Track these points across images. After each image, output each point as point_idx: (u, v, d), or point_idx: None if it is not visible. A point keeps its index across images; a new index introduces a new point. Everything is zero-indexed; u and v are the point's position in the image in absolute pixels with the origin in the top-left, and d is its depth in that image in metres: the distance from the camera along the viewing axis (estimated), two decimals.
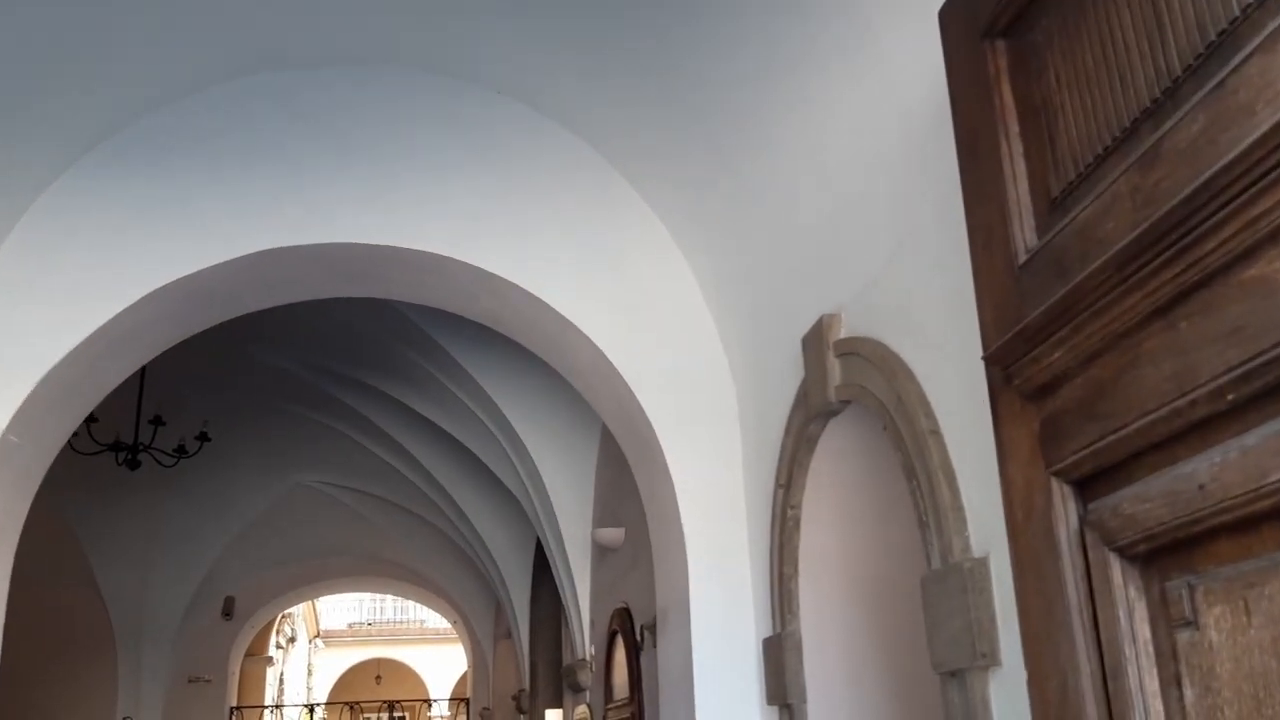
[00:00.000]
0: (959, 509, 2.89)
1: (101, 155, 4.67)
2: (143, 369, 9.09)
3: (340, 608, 31.82)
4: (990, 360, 2.08)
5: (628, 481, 6.99)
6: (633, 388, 4.89)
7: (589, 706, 7.77)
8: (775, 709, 4.31)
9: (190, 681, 13.15)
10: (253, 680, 15.96)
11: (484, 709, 14.10)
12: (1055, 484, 1.94)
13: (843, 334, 3.71)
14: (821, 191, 3.75)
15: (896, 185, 3.27)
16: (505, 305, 5.14)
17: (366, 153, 4.87)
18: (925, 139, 3.03)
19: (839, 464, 4.07)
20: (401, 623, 32.06)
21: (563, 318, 4.93)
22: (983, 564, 2.76)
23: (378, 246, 4.86)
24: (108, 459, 9.86)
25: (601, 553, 7.44)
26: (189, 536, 12.36)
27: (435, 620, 28.84)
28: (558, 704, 9.50)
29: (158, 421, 8.85)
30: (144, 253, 4.62)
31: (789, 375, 4.17)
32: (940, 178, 2.99)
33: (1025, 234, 2.01)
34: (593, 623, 7.80)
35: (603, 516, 7.32)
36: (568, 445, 7.75)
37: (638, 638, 6.31)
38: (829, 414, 3.86)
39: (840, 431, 3.95)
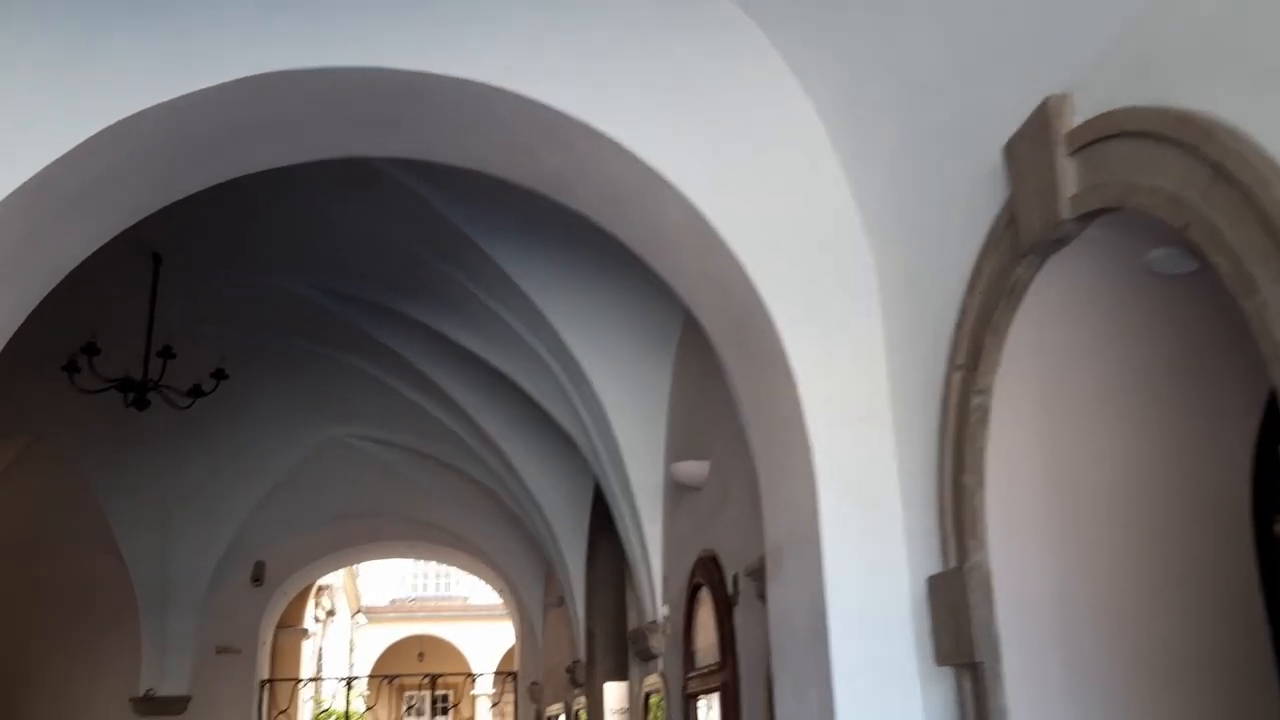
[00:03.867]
0: None
1: None
2: (152, 300, 8.08)
3: (382, 583, 31.26)
4: None
5: (709, 410, 5.86)
6: (739, 257, 3.72)
7: (663, 676, 6.65)
8: (949, 671, 3.16)
9: (219, 652, 12.22)
10: (287, 652, 15.03)
11: (533, 684, 13.07)
12: None
13: (1078, 120, 2.53)
14: None
15: None
16: (571, 159, 4.00)
17: None
18: None
19: (1054, 325, 2.89)
20: (445, 599, 31.59)
21: (647, 168, 3.78)
22: None
23: (405, 74, 3.72)
24: (122, 412, 8.90)
25: (678, 495, 6.31)
26: (214, 496, 11.41)
27: (479, 597, 28.09)
28: (620, 676, 8.39)
29: (167, 353, 7.82)
30: (101, 75, 3.52)
31: (972, 208, 3.00)
32: None
33: None
34: (666, 578, 6.67)
35: (679, 453, 6.18)
36: (635, 372, 6.61)
37: (730, 590, 5.18)
38: (1053, 244, 2.67)
39: (1061, 274, 2.77)
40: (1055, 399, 2.99)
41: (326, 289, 8.14)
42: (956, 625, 3.07)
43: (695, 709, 5.82)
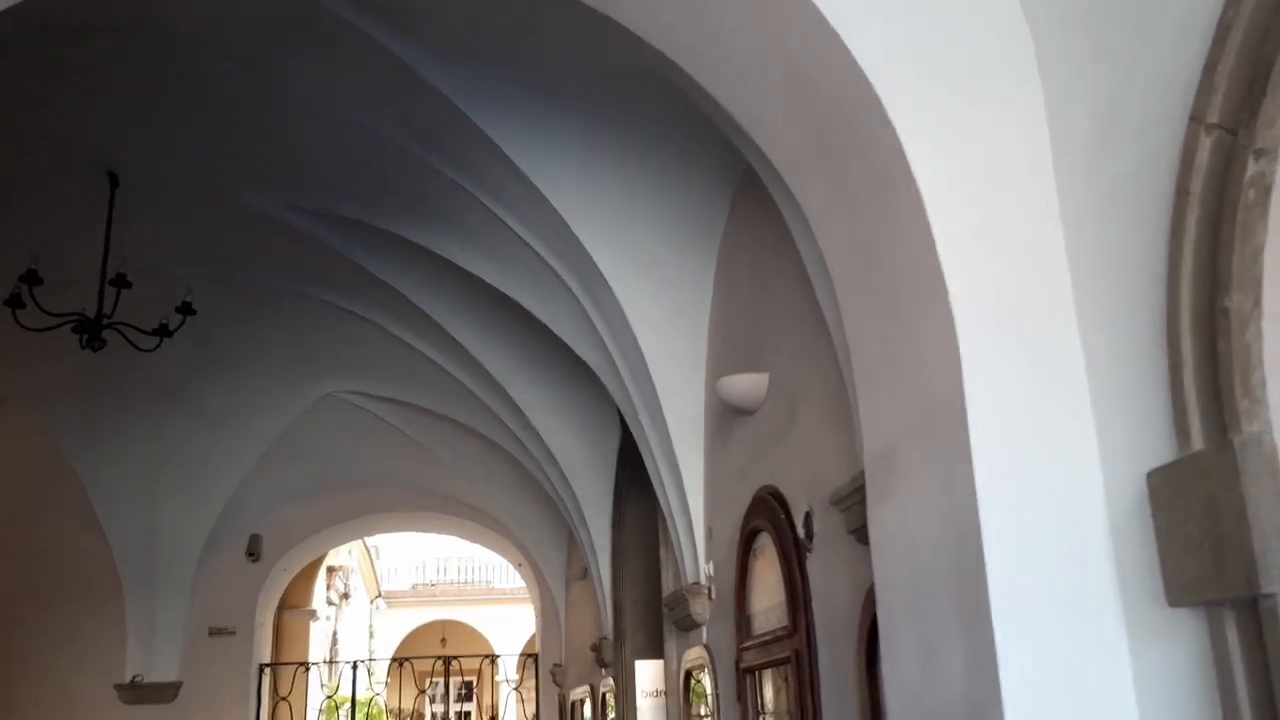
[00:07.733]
0: None
1: None
2: (108, 227, 7.00)
3: (402, 568, 30.62)
4: None
5: (765, 316, 4.70)
6: (840, 32, 2.56)
7: (708, 649, 5.49)
8: (1193, 615, 2.01)
9: (212, 634, 11.17)
10: (293, 635, 13.99)
11: (555, 665, 11.97)
12: None
13: None
14: None
15: None
16: None
17: None
18: None
19: None
20: (467, 583, 30.83)
21: None
22: None
23: None
24: (92, 369, 7.84)
25: (725, 425, 5.15)
26: (200, 461, 10.35)
27: (502, 580, 27.12)
28: (654, 653, 7.27)
29: (121, 282, 6.72)
30: None
31: None
32: None
33: None
34: (710, 530, 5.52)
35: (724, 372, 5.01)
36: (669, 278, 5.44)
37: (801, 532, 4.02)
38: None
39: None
40: None
41: (307, 210, 7.02)
42: (1215, 539, 1.91)
43: (755, 687, 4.67)
